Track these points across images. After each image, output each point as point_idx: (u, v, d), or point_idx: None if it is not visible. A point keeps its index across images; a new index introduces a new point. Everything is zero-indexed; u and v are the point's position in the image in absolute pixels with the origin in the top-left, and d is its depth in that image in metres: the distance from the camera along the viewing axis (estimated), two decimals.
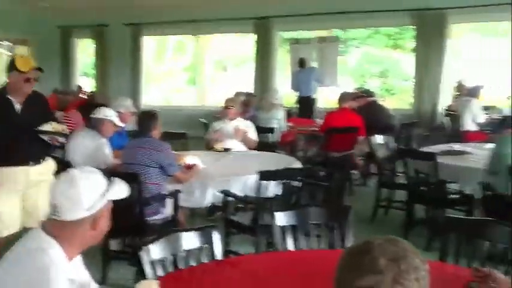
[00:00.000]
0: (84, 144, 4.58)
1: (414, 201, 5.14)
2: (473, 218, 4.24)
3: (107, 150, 4.61)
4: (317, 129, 7.33)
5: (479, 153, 5.07)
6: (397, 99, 15.66)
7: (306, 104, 10.38)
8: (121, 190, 1.87)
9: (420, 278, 1.25)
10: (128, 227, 3.88)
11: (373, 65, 16.46)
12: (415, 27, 10.34)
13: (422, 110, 10.24)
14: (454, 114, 8.31)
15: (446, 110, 9.56)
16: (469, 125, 7.88)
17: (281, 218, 2.80)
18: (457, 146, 5.60)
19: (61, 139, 3.80)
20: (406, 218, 5.14)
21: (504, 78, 10.37)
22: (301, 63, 10.69)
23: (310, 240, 2.86)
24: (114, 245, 4.31)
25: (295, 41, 11.81)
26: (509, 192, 4.08)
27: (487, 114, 8.17)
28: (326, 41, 11.43)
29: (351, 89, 10.12)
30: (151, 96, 13.86)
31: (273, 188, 4.10)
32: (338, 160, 6.44)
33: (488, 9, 9.25)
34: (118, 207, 1.90)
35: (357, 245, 1.36)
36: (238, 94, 8.25)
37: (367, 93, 7.77)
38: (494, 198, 4.32)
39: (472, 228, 2.56)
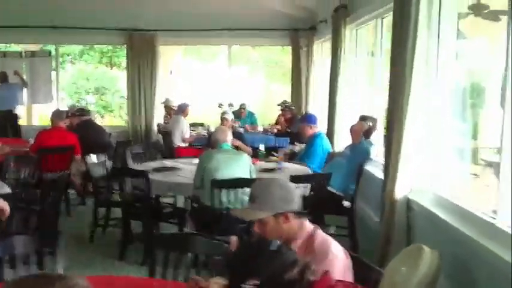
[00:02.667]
0: None
1: (130, 218, 5.28)
2: (179, 232, 4.58)
3: None
4: (28, 149, 6.94)
5: (187, 168, 5.47)
6: (116, 117, 15.83)
7: (6, 120, 9.69)
8: None
9: None
10: None
11: (89, 81, 16.29)
12: (126, 46, 10.60)
13: (138, 128, 10.57)
14: (166, 131, 8.79)
15: (159, 127, 10.06)
16: (179, 141, 8.45)
17: None
18: (168, 163, 5.95)
19: None
20: (123, 235, 5.26)
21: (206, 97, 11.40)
22: (2, 77, 9.98)
23: (17, 271, 2.73)
24: None
25: (3, 54, 10.96)
26: (212, 204, 4.54)
27: (194, 131, 8.85)
28: (37, 56, 10.90)
29: (66, 106, 9.86)
30: None
31: None
32: (53, 181, 6.22)
33: (192, 33, 10.11)
34: None
35: None
36: None
37: (81, 111, 7.67)
38: (200, 210, 4.75)
39: (178, 242, 2.81)
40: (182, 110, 8.73)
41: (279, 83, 16.59)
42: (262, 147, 6.52)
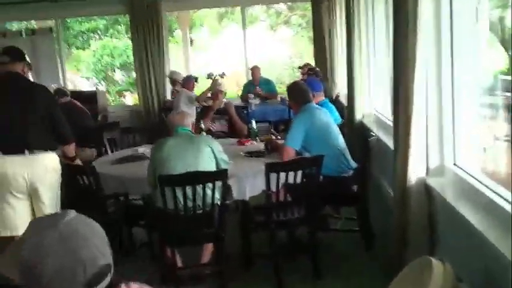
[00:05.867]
0: None
1: None
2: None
3: None
4: None
5: None
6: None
7: None
8: None
9: None
10: None
11: (114, 57, 15.56)
12: (128, 15, 9.60)
13: (150, 106, 9.66)
14: (167, 108, 7.84)
15: (164, 103, 9.13)
16: None
17: None
18: (141, 149, 4.96)
19: None
20: None
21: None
22: None
23: None
24: None
25: (2, 35, 10.23)
26: (164, 205, 3.56)
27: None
28: (38, 34, 10.07)
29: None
30: None
31: None
32: None
33: None
34: None
35: None
36: None
37: (59, 92, 6.74)
38: (152, 214, 3.78)
39: None
40: (185, 84, 7.70)
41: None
42: (254, 124, 5.40)
